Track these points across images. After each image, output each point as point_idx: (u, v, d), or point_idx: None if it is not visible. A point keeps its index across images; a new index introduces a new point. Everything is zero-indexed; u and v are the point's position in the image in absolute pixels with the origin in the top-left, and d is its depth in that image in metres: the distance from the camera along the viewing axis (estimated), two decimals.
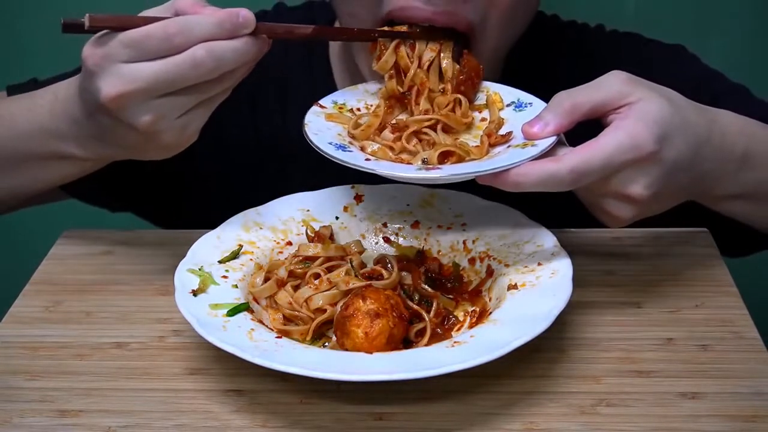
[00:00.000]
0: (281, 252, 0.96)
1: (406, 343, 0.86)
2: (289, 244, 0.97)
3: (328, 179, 1.02)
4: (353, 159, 0.86)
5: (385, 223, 1.00)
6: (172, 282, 0.88)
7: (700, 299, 0.94)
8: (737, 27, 1.64)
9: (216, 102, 0.88)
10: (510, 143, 0.88)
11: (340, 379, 0.77)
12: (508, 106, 0.95)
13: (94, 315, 0.95)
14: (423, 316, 0.87)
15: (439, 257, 0.98)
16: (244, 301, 0.88)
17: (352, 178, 1.01)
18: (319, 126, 0.91)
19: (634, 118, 0.83)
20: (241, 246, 0.95)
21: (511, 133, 0.90)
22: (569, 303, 0.84)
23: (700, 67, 1.14)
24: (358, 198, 1.02)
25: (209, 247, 0.94)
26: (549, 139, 0.85)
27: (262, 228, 0.98)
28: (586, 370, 0.86)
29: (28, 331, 0.93)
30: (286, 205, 1.00)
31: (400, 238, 1.00)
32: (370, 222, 1.01)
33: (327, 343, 0.87)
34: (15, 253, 1.63)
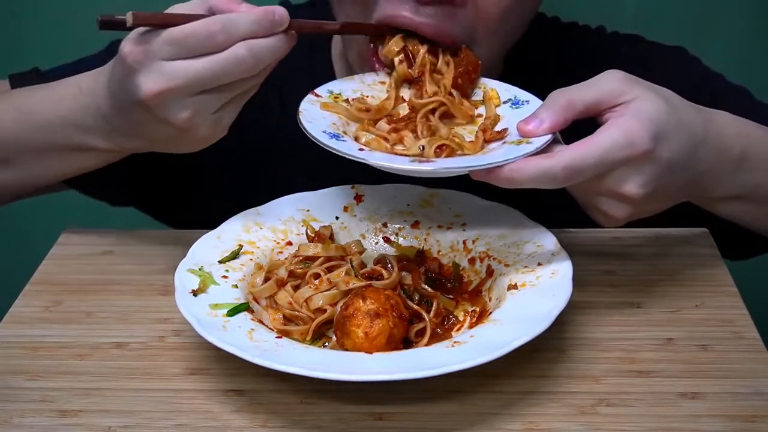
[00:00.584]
0: (281, 252, 0.96)
1: (406, 343, 0.86)
2: (289, 244, 0.97)
3: (327, 179, 1.02)
4: (346, 148, 0.85)
5: (385, 223, 1.00)
6: (172, 282, 0.88)
7: (700, 299, 0.94)
8: (737, 28, 1.63)
9: (248, 96, 0.90)
10: (505, 140, 0.88)
11: (340, 379, 0.77)
12: (505, 103, 0.94)
13: (94, 315, 0.95)
14: (423, 316, 0.87)
15: (439, 257, 0.98)
16: (244, 301, 0.88)
17: (351, 177, 1.01)
18: (314, 114, 0.90)
19: (629, 116, 0.83)
20: (241, 246, 0.95)
21: (506, 130, 0.89)
22: (569, 303, 0.84)
23: (700, 68, 1.14)
24: (358, 198, 1.02)
25: (209, 247, 0.94)
26: (544, 137, 0.85)
27: (262, 228, 0.98)
28: (586, 370, 0.86)
29: (28, 331, 0.93)
30: (286, 205, 1.01)
31: (400, 238, 1.00)
32: (370, 222, 1.01)
33: (327, 343, 0.87)
34: (15, 253, 1.63)
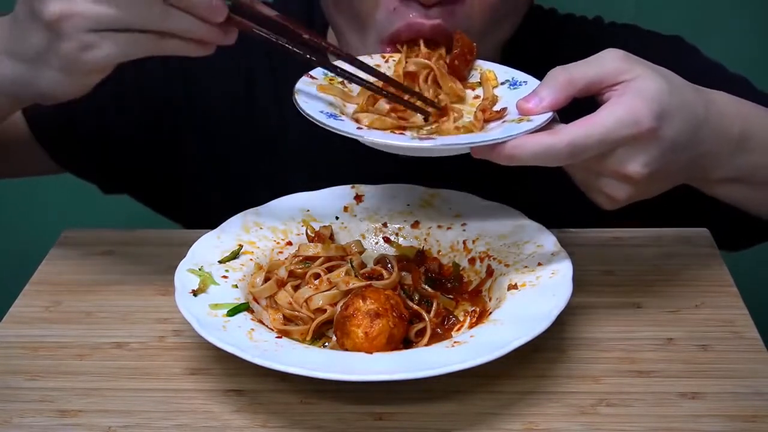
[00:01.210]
0: (281, 252, 0.96)
1: (406, 343, 0.86)
2: (289, 244, 0.97)
3: (325, 170, 1.02)
4: (344, 127, 0.84)
5: (385, 223, 1.00)
6: (172, 282, 0.88)
7: (700, 299, 0.94)
8: (737, 23, 1.64)
9: (140, 46, 0.82)
10: (505, 119, 0.87)
11: (340, 379, 0.77)
12: (503, 84, 0.93)
13: (94, 315, 0.95)
14: (423, 316, 0.87)
15: (439, 257, 0.98)
16: (244, 301, 0.88)
17: (348, 173, 1.01)
18: (310, 95, 0.89)
19: (632, 95, 0.82)
20: (241, 246, 0.95)
21: (505, 109, 0.88)
22: (569, 303, 0.84)
23: (699, 57, 1.14)
24: (358, 198, 1.02)
25: (209, 247, 0.94)
26: (545, 115, 0.83)
27: (262, 228, 0.98)
28: (586, 370, 0.86)
29: (28, 331, 0.93)
30: (286, 205, 1.00)
31: (400, 238, 1.00)
32: (370, 222, 1.00)
33: (327, 343, 0.87)
34: (15, 253, 1.63)
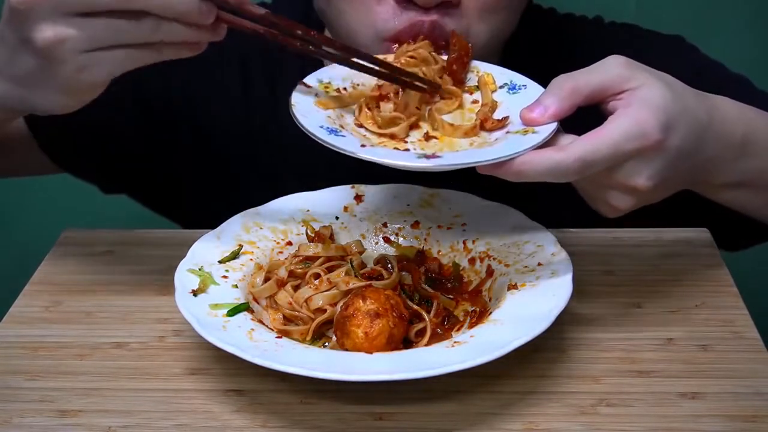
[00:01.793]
0: (281, 252, 0.96)
1: (406, 343, 0.86)
2: (289, 244, 0.97)
3: (325, 170, 1.02)
4: (347, 145, 0.82)
5: (385, 223, 1.00)
6: (172, 282, 0.88)
7: (700, 299, 0.94)
8: (738, 23, 1.64)
9: (135, 58, 0.81)
10: (508, 129, 0.86)
11: (340, 379, 0.77)
12: (501, 87, 0.92)
13: (94, 315, 0.95)
14: (423, 316, 0.87)
15: (439, 257, 0.98)
16: (244, 301, 0.88)
17: (348, 173, 1.00)
18: (308, 107, 0.87)
19: (638, 106, 0.81)
20: (241, 246, 0.95)
21: (507, 118, 0.87)
22: (569, 303, 0.84)
23: (699, 57, 1.13)
24: (358, 198, 1.02)
25: (209, 247, 0.94)
26: (550, 126, 0.82)
27: (262, 228, 0.98)
28: (586, 370, 0.86)
29: (28, 331, 0.93)
30: (286, 205, 1.00)
31: (400, 238, 1.00)
32: (370, 222, 1.01)
33: (327, 343, 0.87)
34: (15, 253, 1.63)
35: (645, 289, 0.95)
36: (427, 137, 0.89)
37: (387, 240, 1.00)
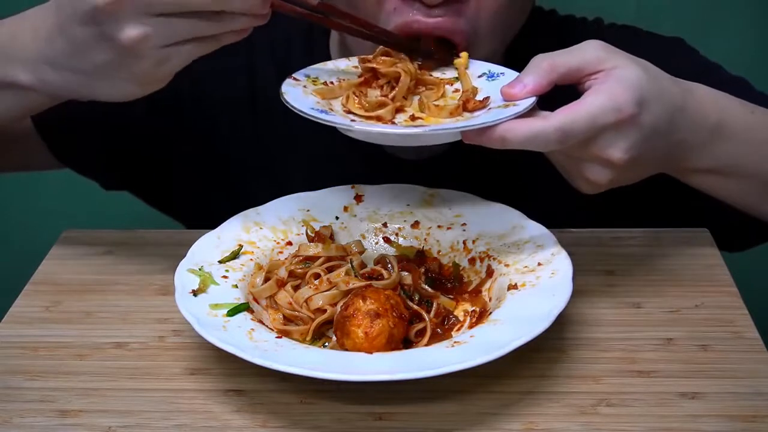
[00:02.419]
0: (281, 252, 0.96)
1: (406, 343, 0.86)
2: (290, 244, 0.97)
3: (325, 169, 1.02)
4: (336, 119, 0.86)
5: (385, 223, 1.00)
6: (172, 282, 0.88)
7: (700, 299, 0.94)
8: (739, 25, 1.64)
9: (202, 48, 0.86)
10: (490, 107, 0.89)
11: (340, 379, 0.77)
12: (480, 77, 0.95)
13: (94, 315, 0.95)
14: (423, 316, 0.87)
15: (439, 257, 0.98)
16: (244, 301, 0.88)
17: (348, 173, 1.00)
18: (297, 95, 0.90)
19: (613, 82, 0.85)
20: (241, 246, 0.95)
21: (488, 98, 0.90)
22: (569, 303, 0.84)
23: (698, 59, 1.14)
24: (358, 198, 1.02)
25: (209, 247, 0.94)
26: (530, 99, 0.86)
27: (262, 228, 0.98)
28: (586, 370, 0.86)
29: (28, 331, 0.93)
30: (286, 205, 1.00)
31: (400, 238, 1.00)
32: (370, 222, 1.00)
33: (327, 343, 0.87)
34: (15, 253, 1.63)
35: (645, 289, 0.96)
36: (413, 118, 0.91)
37: (387, 240, 1.00)
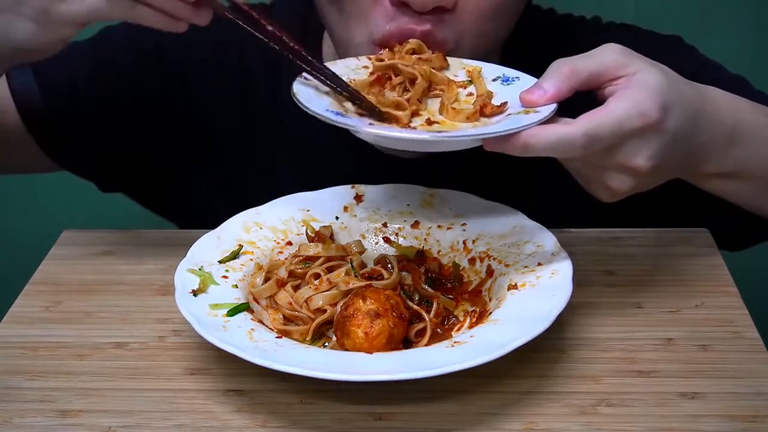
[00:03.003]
0: (281, 252, 0.96)
1: (406, 343, 0.86)
2: (290, 244, 0.97)
3: (325, 169, 1.02)
4: (355, 123, 0.84)
5: (385, 223, 1.00)
6: (172, 282, 0.88)
7: (700, 299, 0.94)
8: (739, 25, 1.64)
9: (103, 5, 0.84)
10: (509, 113, 0.87)
11: (340, 379, 0.77)
12: (495, 81, 0.93)
13: (94, 315, 0.95)
14: (423, 316, 0.87)
15: (439, 257, 0.98)
16: (244, 301, 0.88)
17: (348, 173, 1.00)
18: (309, 95, 0.88)
19: (636, 88, 0.83)
20: (241, 246, 0.95)
21: (506, 103, 0.88)
22: (569, 303, 0.84)
23: (697, 57, 1.14)
24: (358, 198, 1.02)
25: (209, 247, 0.94)
26: (551, 105, 0.84)
27: (262, 228, 0.98)
28: (586, 370, 0.86)
29: (28, 331, 0.93)
30: (286, 205, 1.00)
31: (400, 238, 1.00)
32: (370, 222, 1.00)
33: (327, 343, 0.87)
34: (15, 253, 1.63)
35: (645, 289, 0.96)
36: (430, 122, 0.89)
37: (387, 240, 1.00)
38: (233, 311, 0.86)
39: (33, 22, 0.86)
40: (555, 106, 0.84)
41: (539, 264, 0.90)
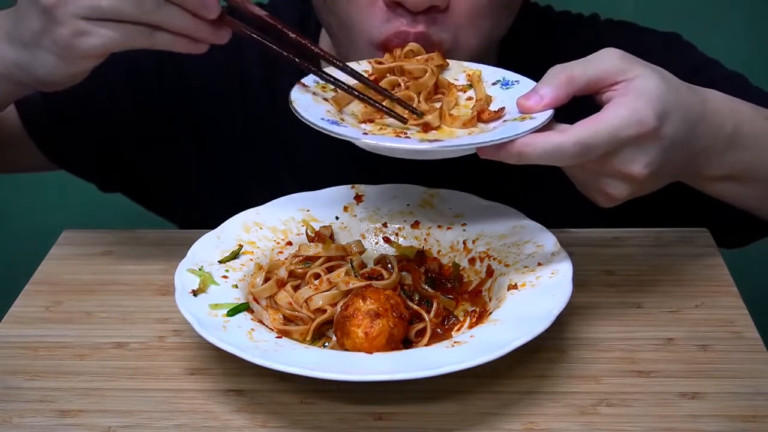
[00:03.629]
0: (281, 252, 0.96)
1: (406, 343, 0.86)
2: (290, 244, 0.97)
3: (325, 169, 1.02)
4: (350, 132, 0.84)
5: (385, 223, 1.00)
6: (172, 282, 0.88)
7: (700, 299, 0.94)
8: (736, 22, 1.64)
9: (127, 36, 0.84)
10: (505, 119, 0.87)
11: (340, 379, 0.77)
12: (494, 84, 0.93)
13: (94, 315, 0.95)
14: (423, 316, 0.87)
15: (439, 257, 0.98)
16: (244, 301, 0.88)
17: (348, 173, 1.00)
18: (307, 103, 0.88)
19: (633, 95, 0.83)
20: (241, 246, 0.95)
21: (503, 109, 0.88)
22: (569, 303, 0.84)
23: (695, 54, 1.14)
24: (358, 198, 1.02)
25: (209, 247, 0.94)
26: (547, 112, 0.83)
27: (262, 228, 0.98)
28: (586, 370, 0.86)
29: (28, 331, 0.93)
30: (286, 205, 1.00)
31: (400, 238, 1.00)
32: (370, 222, 1.00)
33: (327, 343, 0.87)
34: (15, 253, 1.63)
35: (645, 289, 0.96)
36: (426, 129, 0.89)
37: (387, 240, 1.00)
38: (233, 311, 0.86)
39: (56, 57, 0.86)
40: (551, 113, 0.83)
41: (539, 264, 0.90)
